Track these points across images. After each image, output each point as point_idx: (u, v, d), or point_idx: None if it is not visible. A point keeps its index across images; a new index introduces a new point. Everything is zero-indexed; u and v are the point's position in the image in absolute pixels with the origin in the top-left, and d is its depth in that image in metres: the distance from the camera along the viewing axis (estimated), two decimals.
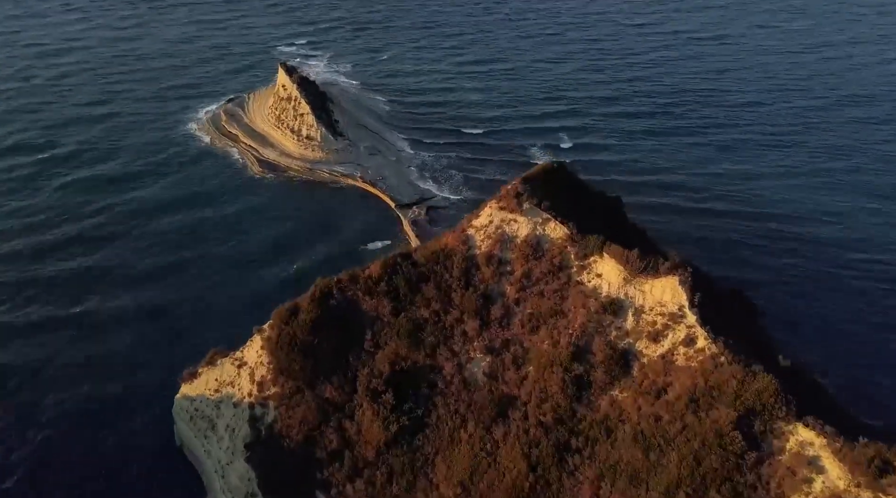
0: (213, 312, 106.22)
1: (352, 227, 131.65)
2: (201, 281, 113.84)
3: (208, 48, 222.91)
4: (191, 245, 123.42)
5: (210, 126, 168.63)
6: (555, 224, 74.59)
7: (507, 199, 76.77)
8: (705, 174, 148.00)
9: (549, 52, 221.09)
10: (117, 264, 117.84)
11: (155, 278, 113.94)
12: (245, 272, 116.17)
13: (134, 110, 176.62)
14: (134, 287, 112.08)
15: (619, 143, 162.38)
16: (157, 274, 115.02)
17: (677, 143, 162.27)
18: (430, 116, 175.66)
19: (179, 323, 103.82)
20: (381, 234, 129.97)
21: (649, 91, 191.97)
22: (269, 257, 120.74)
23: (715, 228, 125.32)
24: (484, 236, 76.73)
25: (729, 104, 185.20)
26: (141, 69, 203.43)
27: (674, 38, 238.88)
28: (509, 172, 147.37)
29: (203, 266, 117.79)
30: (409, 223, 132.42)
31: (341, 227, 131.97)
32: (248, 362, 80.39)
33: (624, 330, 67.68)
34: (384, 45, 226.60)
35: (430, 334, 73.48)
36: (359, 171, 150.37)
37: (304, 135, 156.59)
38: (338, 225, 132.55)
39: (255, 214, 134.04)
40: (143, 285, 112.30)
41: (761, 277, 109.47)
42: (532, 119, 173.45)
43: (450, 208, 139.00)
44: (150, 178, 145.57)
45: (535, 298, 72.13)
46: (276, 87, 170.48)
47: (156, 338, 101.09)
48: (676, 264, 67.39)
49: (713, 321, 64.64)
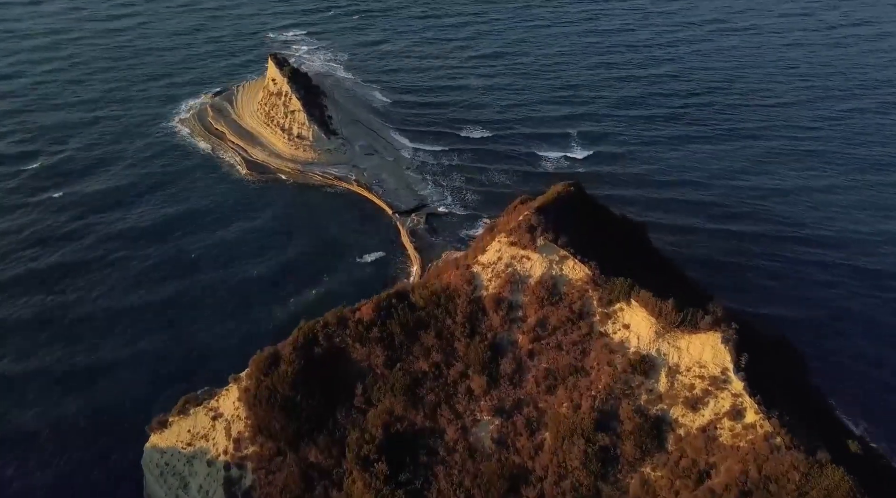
0: (194, 342, 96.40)
1: (346, 237, 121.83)
2: (184, 307, 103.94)
3: (196, 35, 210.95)
4: (172, 264, 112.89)
5: (195, 122, 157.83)
6: (574, 263, 64.54)
7: (518, 234, 66.59)
8: (734, 188, 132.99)
9: (565, 46, 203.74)
10: (84, 300, 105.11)
11: (133, 309, 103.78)
12: (232, 296, 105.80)
13: (113, 104, 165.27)
14: (112, 319, 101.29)
15: (636, 149, 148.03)
16: (136, 304, 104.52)
17: (702, 152, 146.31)
18: (431, 113, 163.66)
19: (165, 362, 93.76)
20: (378, 245, 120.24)
21: (671, 89, 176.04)
22: (258, 276, 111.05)
23: (744, 253, 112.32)
24: (492, 275, 66.71)
25: (759, 104, 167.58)
26: (123, 58, 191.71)
27: (698, 29, 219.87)
28: (516, 178, 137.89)
29: (187, 289, 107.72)
30: (407, 233, 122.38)
31: (335, 236, 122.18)
32: (223, 414, 70.90)
33: (656, 393, 57.91)
34: (385, 35, 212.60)
35: (429, 391, 63.74)
36: (353, 173, 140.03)
37: (294, 134, 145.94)
38: (331, 234, 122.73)
39: (242, 224, 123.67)
40: (119, 319, 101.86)
41: (800, 315, 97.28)
42: (543, 121, 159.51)
43: (451, 216, 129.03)
44: (128, 186, 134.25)
45: (552, 350, 62.28)
46: (265, 80, 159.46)
47: (138, 373, 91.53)
48: (719, 318, 57.40)
49: (763, 388, 54.84)
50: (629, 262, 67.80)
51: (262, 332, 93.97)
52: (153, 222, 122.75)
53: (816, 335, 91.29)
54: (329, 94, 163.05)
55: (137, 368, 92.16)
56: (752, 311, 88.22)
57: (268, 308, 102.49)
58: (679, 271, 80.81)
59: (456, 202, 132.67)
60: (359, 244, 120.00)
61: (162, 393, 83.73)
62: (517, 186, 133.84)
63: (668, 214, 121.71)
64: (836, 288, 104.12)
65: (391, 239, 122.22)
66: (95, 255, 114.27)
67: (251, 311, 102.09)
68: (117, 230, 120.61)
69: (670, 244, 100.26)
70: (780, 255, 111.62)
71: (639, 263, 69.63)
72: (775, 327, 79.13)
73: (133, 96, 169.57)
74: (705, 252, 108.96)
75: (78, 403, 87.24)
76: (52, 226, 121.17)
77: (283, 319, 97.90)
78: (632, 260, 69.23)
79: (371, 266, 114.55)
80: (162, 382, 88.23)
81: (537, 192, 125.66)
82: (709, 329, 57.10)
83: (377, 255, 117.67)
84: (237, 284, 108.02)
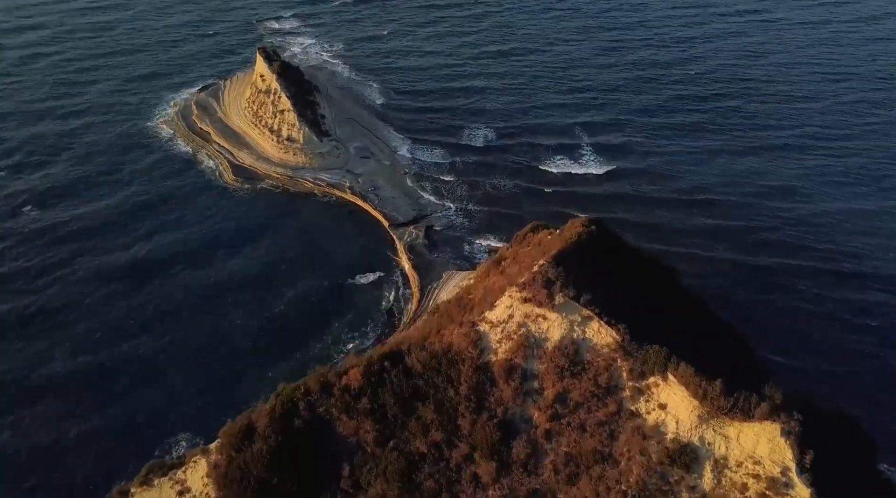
0: (162, 399, 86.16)
1: (338, 254, 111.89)
2: (154, 339, 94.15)
3: (181, 22, 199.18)
4: (141, 309, 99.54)
5: (179, 121, 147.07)
6: (599, 325, 54.61)
7: (533, 288, 56.52)
8: (765, 210, 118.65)
9: (583, 42, 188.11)
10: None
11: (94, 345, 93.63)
12: (211, 334, 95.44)
13: (88, 102, 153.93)
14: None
15: (657, 162, 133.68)
16: (104, 340, 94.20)
17: (731, 167, 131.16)
18: (433, 112, 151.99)
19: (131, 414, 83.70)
20: (373, 263, 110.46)
21: (696, 93, 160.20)
22: (241, 300, 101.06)
23: (773, 289, 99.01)
24: (502, 336, 56.80)
25: (793, 108, 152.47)
26: (100, 48, 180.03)
27: (729, 22, 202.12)
28: (524, 187, 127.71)
29: (160, 317, 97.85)
30: (404, 249, 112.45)
31: (326, 253, 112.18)
32: (191, 489, 61.24)
33: (700, 492, 48.28)
34: (386, 24, 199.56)
35: (428, 476, 54.06)
36: (347, 179, 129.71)
37: (284, 136, 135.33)
38: (322, 251, 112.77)
39: (226, 239, 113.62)
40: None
41: (841, 369, 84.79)
42: (555, 124, 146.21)
43: (452, 228, 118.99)
44: (99, 201, 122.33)
45: (574, 432, 52.55)
46: (254, 75, 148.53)
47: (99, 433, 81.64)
48: (777, 406, 47.59)
49: (831, 491, 45.23)
50: (664, 319, 57.88)
51: (241, 383, 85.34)
52: (123, 252, 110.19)
53: (870, 401, 78.31)
54: (323, 90, 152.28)
55: (109, 423, 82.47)
56: (784, 362, 78.13)
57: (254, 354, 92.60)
58: (724, 327, 70.34)
59: (458, 213, 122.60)
60: (352, 262, 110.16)
61: (129, 459, 73.99)
62: (525, 198, 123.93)
63: (687, 241, 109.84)
64: (879, 337, 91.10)
65: (388, 255, 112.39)
66: (55, 301, 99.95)
67: (231, 356, 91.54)
68: (83, 266, 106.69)
69: (695, 276, 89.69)
70: (816, 293, 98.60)
71: (675, 321, 59.62)
72: (821, 393, 68.44)
73: (111, 92, 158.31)
74: (729, 285, 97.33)
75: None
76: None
77: (266, 358, 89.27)
78: (667, 317, 59.26)
79: (366, 290, 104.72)
80: (131, 441, 78.67)
81: (549, 211, 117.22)
82: (765, 418, 47.32)
83: (372, 276, 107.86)
84: (216, 326, 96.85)
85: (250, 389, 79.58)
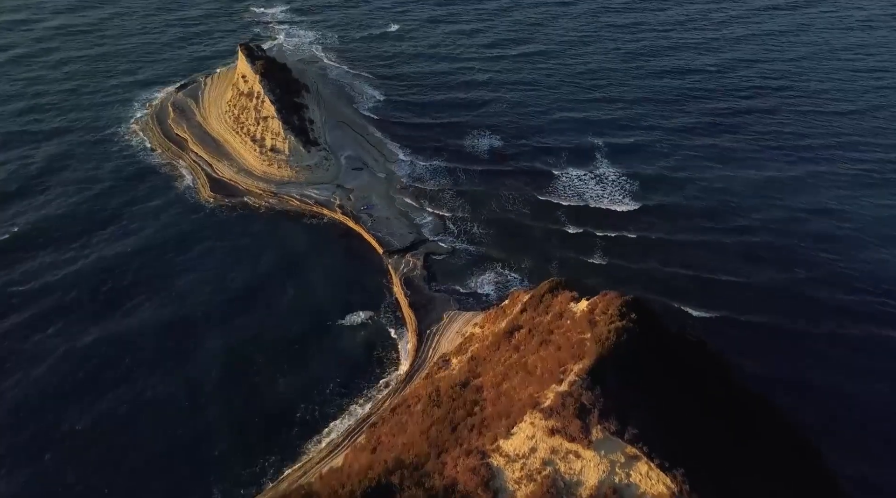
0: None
1: (326, 288, 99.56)
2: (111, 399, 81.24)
3: (160, 6, 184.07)
4: (100, 360, 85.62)
5: (154, 126, 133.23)
6: (649, 469, 42.09)
7: (562, 417, 43.87)
8: (833, 259, 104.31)
9: (601, 39, 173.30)
10: None
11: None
12: (179, 394, 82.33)
13: (55, 102, 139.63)
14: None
15: (685, 177, 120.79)
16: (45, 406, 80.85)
17: (768, 187, 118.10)
18: (434, 117, 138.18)
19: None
20: (364, 299, 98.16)
21: (727, 101, 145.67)
22: (208, 349, 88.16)
23: (861, 371, 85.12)
24: (521, 476, 44.26)
25: (835, 112, 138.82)
26: (71, 40, 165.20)
27: (761, 15, 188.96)
28: (534, 207, 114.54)
29: (110, 366, 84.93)
30: (400, 283, 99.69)
31: (313, 287, 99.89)
32: None
33: None
34: (387, 13, 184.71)
35: None
36: (338, 195, 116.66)
37: (267, 146, 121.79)
38: (307, 283, 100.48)
39: (197, 271, 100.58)
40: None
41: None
42: (569, 133, 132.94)
43: (454, 256, 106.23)
44: (57, 220, 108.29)
45: None
46: (235, 74, 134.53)
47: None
48: None
49: None
50: (725, 445, 45.20)
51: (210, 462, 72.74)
52: (79, 285, 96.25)
53: None
54: (312, 89, 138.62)
55: None
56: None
57: (227, 405, 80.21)
58: (794, 438, 57.50)
59: (460, 237, 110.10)
60: (341, 297, 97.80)
61: None
62: (536, 221, 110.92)
63: (746, 301, 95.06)
64: None
65: (381, 288, 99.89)
66: None
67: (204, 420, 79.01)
68: (34, 306, 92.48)
69: (755, 356, 76.72)
70: (865, 337, 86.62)
71: (737, 443, 46.97)
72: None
73: (80, 89, 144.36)
74: (796, 368, 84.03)
75: None
76: None
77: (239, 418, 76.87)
78: (728, 438, 46.62)
79: (356, 333, 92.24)
80: None
81: (563, 240, 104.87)
82: None
83: (364, 314, 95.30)
84: (182, 382, 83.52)
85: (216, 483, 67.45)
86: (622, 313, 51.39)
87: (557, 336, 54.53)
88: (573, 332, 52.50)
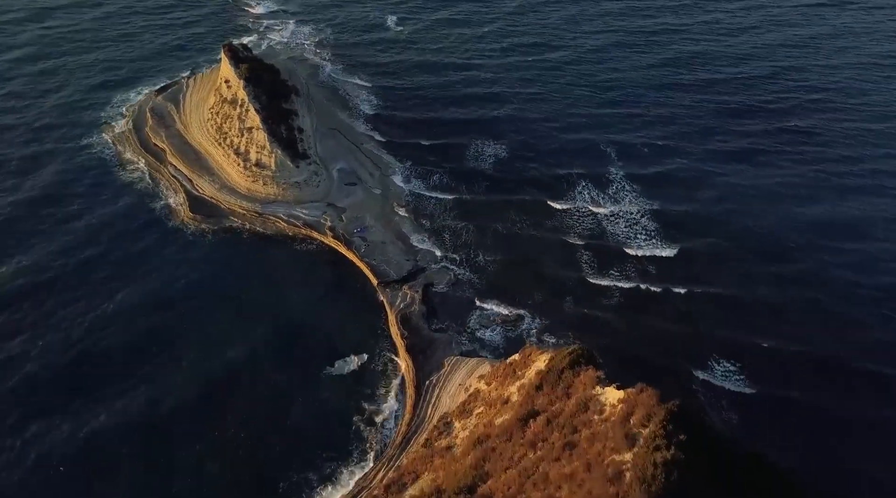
0: None
1: (313, 328, 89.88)
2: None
3: (148, 2, 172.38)
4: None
5: (130, 135, 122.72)
6: None
7: None
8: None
9: (625, 39, 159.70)
10: None
11: None
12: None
13: (19, 106, 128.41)
14: None
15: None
16: None
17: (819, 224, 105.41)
18: (437, 124, 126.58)
19: None
20: (356, 340, 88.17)
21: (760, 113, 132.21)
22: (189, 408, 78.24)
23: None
24: None
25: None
26: (42, 39, 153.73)
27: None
28: (543, 228, 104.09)
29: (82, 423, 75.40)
30: (397, 321, 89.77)
31: (299, 326, 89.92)
32: None
33: None
34: (384, 8, 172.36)
35: None
36: (329, 215, 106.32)
37: (252, 160, 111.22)
38: (293, 323, 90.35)
39: (171, 312, 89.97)
40: None
41: None
42: (584, 144, 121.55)
43: (457, 287, 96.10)
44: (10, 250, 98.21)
45: None
46: (218, 79, 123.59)
47: None
48: None
49: None
50: None
51: None
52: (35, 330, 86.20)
53: None
54: (302, 92, 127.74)
55: None
56: None
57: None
58: None
59: (463, 265, 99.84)
60: (331, 340, 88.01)
61: None
62: (546, 248, 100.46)
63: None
64: None
65: (375, 327, 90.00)
66: None
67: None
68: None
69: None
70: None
71: None
72: None
73: (48, 91, 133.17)
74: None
75: None
76: None
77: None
78: None
79: (344, 384, 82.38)
80: None
81: (580, 289, 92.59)
82: None
83: (355, 360, 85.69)
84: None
85: None
86: (667, 432, 41.09)
87: (585, 444, 44.99)
88: (605, 444, 42.83)
